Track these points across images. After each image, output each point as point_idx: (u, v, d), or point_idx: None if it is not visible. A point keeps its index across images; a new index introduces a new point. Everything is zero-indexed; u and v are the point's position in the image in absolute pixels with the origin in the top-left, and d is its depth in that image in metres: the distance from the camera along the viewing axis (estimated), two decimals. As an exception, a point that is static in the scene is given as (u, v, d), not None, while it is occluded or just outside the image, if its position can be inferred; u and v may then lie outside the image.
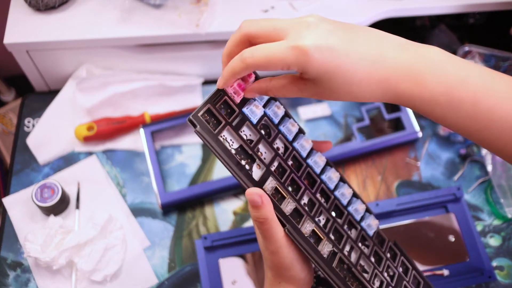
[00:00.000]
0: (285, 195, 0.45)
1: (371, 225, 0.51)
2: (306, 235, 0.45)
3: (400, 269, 0.52)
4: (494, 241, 0.70)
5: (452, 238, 0.68)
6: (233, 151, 0.44)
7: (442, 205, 0.70)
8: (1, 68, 1.07)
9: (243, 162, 0.44)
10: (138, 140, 0.77)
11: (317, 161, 0.49)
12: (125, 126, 0.76)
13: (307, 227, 0.45)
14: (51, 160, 0.75)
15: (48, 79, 0.80)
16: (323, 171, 0.50)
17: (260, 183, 0.44)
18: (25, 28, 0.72)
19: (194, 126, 0.42)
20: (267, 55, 0.39)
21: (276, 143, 0.47)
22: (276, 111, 0.47)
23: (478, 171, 0.76)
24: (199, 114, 0.42)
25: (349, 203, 0.51)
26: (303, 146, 0.48)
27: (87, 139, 0.74)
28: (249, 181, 0.44)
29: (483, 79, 0.39)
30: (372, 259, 0.50)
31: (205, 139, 0.42)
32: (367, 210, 0.52)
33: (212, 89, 0.81)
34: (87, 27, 0.73)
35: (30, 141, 0.75)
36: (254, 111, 0.45)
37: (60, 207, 0.69)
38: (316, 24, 0.39)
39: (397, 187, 0.75)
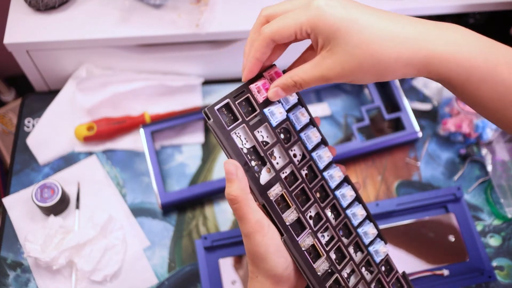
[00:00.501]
0: (291, 204, 0.44)
1: (379, 251, 0.48)
2: (303, 248, 0.44)
3: None
4: (494, 241, 0.70)
5: (452, 238, 0.68)
6: (245, 150, 0.43)
7: (442, 205, 0.70)
8: (1, 68, 1.07)
9: (253, 163, 0.43)
10: (138, 140, 0.77)
11: (333, 176, 0.47)
12: (125, 126, 0.76)
13: (306, 241, 0.44)
14: (51, 160, 0.75)
15: (48, 79, 0.80)
16: (338, 186, 0.48)
17: (265, 187, 0.43)
18: (25, 28, 0.72)
19: (208, 118, 0.42)
20: (281, 20, 0.39)
21: (294, 150, 0.46)
22: (300, 117, 0.46)
23: (478, 171, 0.76)
24: (216, 108, 0.42)
25: (360, 224, 0.48)
26: (321, 157, 0.46)
27: (87, 139, 0.74)
28: (253, 183, 0.42)
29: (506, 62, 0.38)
30: (373, 287, 0.48)
31: (216, 133, 0.42)
32: (379, 236, 0.49)
33: (212, 89, 0.82)
34: (87, 27, 0.73)
35: (30, 141, 0.75)
36: (275, 114, 0.44)
37: (60, 207, 0.69)
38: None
39: (397, 187, 0.75)
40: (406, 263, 0.66)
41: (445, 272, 0.66)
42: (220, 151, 0.77)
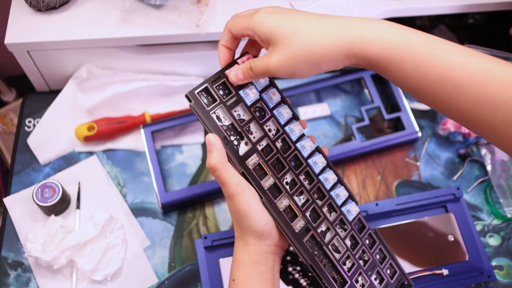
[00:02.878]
0: (267, 172, 0.50)
1: (351, 211, 0.54)
2: (280, 209, 0.50)
3: (377, 256, 0.55)
4: (493, 240, 0.71)
5: (451, 238, 0.69)
6: (224, 127, 0.49)
7: (441, 205, 0.70)
8: (2, 68, 1.07)
9: (232, 138, 0.49)
10: (138, 140, 0.77)
11: (305, 146, 0.53)
12: (126, 126, 0.76)
13: (283, 202, 0.50)
14: (51, 160, 0.75)
15: (49, 79, 0.80)
16: (310, 155, 0.53)
17: (243, 158, 0.49)
18: (26, 28, 0.72)
19: (190, 101, 0.48)
20: (236, 19, 0.48)
21: (268, 125, 0.52)
22: (272, 96, 0.52)
23: (477, 171, 0.76)
24: (196, 92, 0.49)
25: (333, 188, 0.54)
26: (293, 130, 0.52)
27: (87, 139, 0.75)
28: (233, 154, 0.49)
29: (428, 46, 0.41)
30: (348, 242, 0.53)
31: (197, 113, 0.48)
32: (350, 197, 0.55)
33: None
34: (88, 27, 0.73)
35: (31, 141, 0.75)
36: (249, 94, 0.50)
37: (60, 207, 0.69)
38: (261, 9, 0.46)
39: (397, 187, 0.75)
40: (406, 262, 0.66)
41: (445, 271, 0.66)
42: (220, 151, 0.77)
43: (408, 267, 0.66)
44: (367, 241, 0.55)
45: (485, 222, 0.72)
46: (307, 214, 0.51)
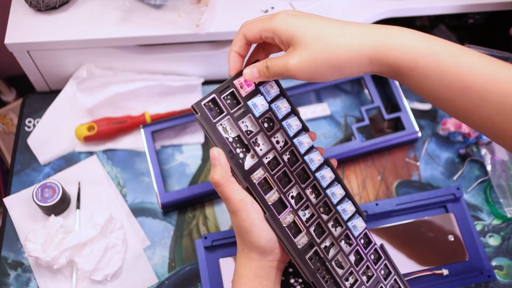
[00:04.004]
0: (273, 186, 0.49)
1: (357, 226, 0.53)
2: (284, 225, 0.49)
3: (382, 272, 0.54)
4: (493, 240, 0.71)
5: (451, 238, 0.69)
6: (230, 139, 0.48)
7: (441, 205, 0.70)
8: (2, 68, 1.07)
9: (238, 151, 0.48)
10: (138, 140, 0.77)
11: (313, 159, 0.51)
12: (126, 126, 0.76)
13: (287, 218, 0.49)
14: (51, 160, 0.75)
15: (49, 79, 0.80)
16: (318, 169, 0.52)
17: (249, 172, 0.48)
18: (26, 28, 0.72)
19: (196, 113, 0.47)
20: (253, 22, 0.47)
21: (277, 137, 0.51)
22: (281, 107, 0.50)
23: (477, 171, 0.76)
24: (203, 103, 0.47)
25: (339, 202, 0.53)
26: (302, 142, 0.51)
27: (87, 139, 0.75)
28: (237, 168, 0.48)
29: (452, 55, 0.41)
30: (352, 258, 0.52)
31: (202, 126, 0.47)
32: (357, 212, 0.53)
33: (212, 89, 0.82)
34: (88, 27, 0.73)
35: (31, 141, 0.75)
36: (258, 105, 0.49)
37: (60, 207, 0.69)
38: (281, 11, 0.46)
39: (397, 187, 0.75)
40: (406, 262, 0.66)
41: (445, 271, 0.66)
42: (220, 151, 0.77)
43: (408, 267, 0.66)
44: (372, 257, 0.54)
45: (485, 222, 0.72)
46: (311, 229, 0.50)
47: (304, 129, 0.52)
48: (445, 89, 0.41)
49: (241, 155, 0.48)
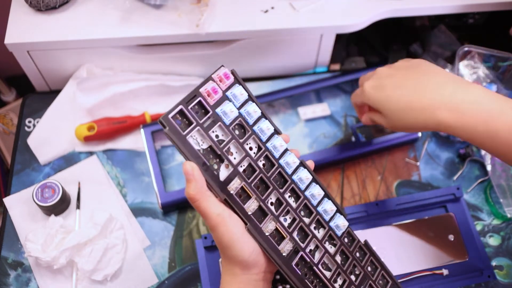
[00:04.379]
0: (251, 194, 0.48)
1: (339, 225, 0.52)
2: (267, 234, 0.48)
3: (369, 268, 0.54)
4: (493, 240, 0.71)
5: (451, 238, 0.69)
6: (202, 151, 0.46)
7: (441, 205, 0.70)
8: (2, 68, 1.07)
9: (211, 162, 0.47)
10: (138, 140, 0.77)
11: (289, 162, 0.50)
12: (126, 126, 0.76)
13: (269, 226, 0.48)
14: (51, 160, 0.75)
15: (49, 79, 0.80)
16: (295, 171, 0.51)
17: (225, 183, 0.47)
18: (26, 28, 0.72)
19: (164, 127, 0.45)
20: (355, 96, 0.65)
21: (249, 143, 0.49)
22: (251, 112, 0.49)
23: (477, 171, 0.76)
24: (170, 116, 0.45)
25: (319, 203, 0.52)
26: (275, 147, 0.50)
27: (87, 139, 0.75)
28: (213, 181, 0.46)
29: None
30: (338, 258, 0.52)
31: (172, 140, 0.45)
32: (338, 211, 0.53)
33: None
34: (88, 27, 0.73)
35: (31, 141, 0.75)
36: (227, 113, 0.48)
37: (60, 207, 0.69)
38: (375, 75, 0.60)
39: (397, 187, 0.75)
40: (406, 262, 0.66)
41: (445, 271, 0.66)
42: (220, 151, 0.77)
43: (408, 267, 0.66)
44: (357, 254, 0.54)
45: (485, 222, 0.72)
46: (295, 234, 0.50)
47: (277, 132, 0.51)
48: (501, 152, 0.51)
49: (215, 166, 0.47)
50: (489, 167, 0.75)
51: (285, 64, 0.83)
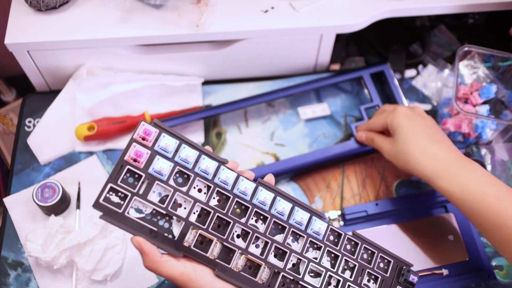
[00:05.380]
0: (211, 238, 0.46)
1: (318, 231, 0.50)
2: (238, 270, 0.46)
3: (364, 256, 0.52)
4: (493, 240, 0.70)
5: (451, 238, 0.69)
6: (148, 217, 0.45)
7: (441, 205, 0.71)
8: (2, 68, 1.07)
9: (160, 223, 0.45)
10: (138, 140, 0.77)
11: (243, 190, 0.48)
12: (126, 126, 0.76)
13: (239, 262, 0.47)
14: (51, 160, 0.75)
15: (49, 79, 0.80)
16: (253, 195, 0.49)
17: (180, 239, 0.45)
18: (26, 28, 0.72)
19: (100, 211, 0.43)
20: (373, 120, 0.72)
21: (196, 186, 0.48)
22: (186, 158, 0.47)
23: (477, 171, 0.76)
24: (101, 200, 0.43)
25: (290, 216, 0.50)
26: (224, 180, 0.48)
27: (87, 139, 0.75)
28: (165, 244, 0.44)
29: (498, 197, 0.55)
30: (327, 261, 0.50)
31: (112, 223, 0.44)
32: (313, 215, 0.50)
33: (212, 89, 0.82)
34: (88, 27, 0.73)
35: (31, 141, 0.75)
36: (161, 169, 0.45)
37: (60, 207, 0.69)
38: (411, 108, 0.67)
39: (397, 187, 0.75)
40: (406, 262, 0.66)
41: (445, 271, 0.66)
42: (220, 151, 0.77)
43: (408, 267, 0.66)
44: (348, 247, 0.52)
45: (485, 222, 0.72)
46: (271, 257, 0.48)
47: (222, 162, 0.48)
48: (488, 227, 0.56)
49: (166, 225, 0.45)
50: (489, 167, 0.75)
51: (285, 64, 0.83)
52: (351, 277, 0.51)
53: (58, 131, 0.77)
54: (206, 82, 0.82)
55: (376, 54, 0.88)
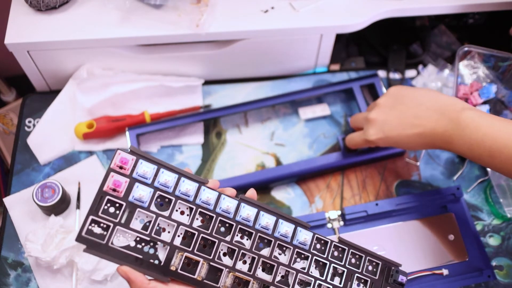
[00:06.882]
0: (198, 260, 0.47)
1: (304, 241, 0.51)
2: None
3: (353, 261, 0.53)
4: (493, 240, 0.71)
5: (451, 238, 0.69)
6: (132, 245, 0.46)
7: (441, 205, 0.71)
8: (2, 68, 1.07)
9: (145, 249, 0.46)
10: (138, 140, 0.77)
11: (226, 208, 0.49)
12: (125, 124, 0.76)
13: (227, 281, 0.47)
14: (51, 160, 0.75)
15: (49, 79, 0.80)
16: (236, 212, 0.50)
17: (166, 264, 0.46)
18: (26, 28, 0.72)
19: (84, 244, 0.44)
20: (350, 138, 0.71)
21: (179, 208, 0.48)
22: (166, 182, 0.48)
23: (477, 171, 0.76)
24: (83, 233, 0.44)
25: (275, 229, 0.50)
26: (206, 201, 0.48)
27: (86, 136, 0.74)
28: (151, 270, 0.45)
29: (499, 135, 0.53)
30: (314, 269, 0.51)
31: (96, 254, 0.44)
32: (297, 226, 0.51)
33: (212, 89, 0.82)
34: (88, 27, 0.73)
35: (31, 141, 0.75)
36: (141, 196, 0.46)
37: (60, 207, 0.69)
38: (375, 120, 0.64)
39: (397, 187, 0.75)
40: (406, 262, 0.66)
41: (445, 271, 0.66)
42: (220, 151, 0.77)
43: (408, 267, 0.66)
44: (335, 253, 0.53)
45: (485, 222, 0.72)
46: (258, 272, 0.49)
47: (202, 183, 0.49)
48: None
49: (151, 251, 0.46)
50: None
51: (285, 64, 0.83)
52: (340, 283, 0.51)
53: (58, 131, 0.77)
54: (206, 82, 0.82)
55: (376, 54, 0.88)
